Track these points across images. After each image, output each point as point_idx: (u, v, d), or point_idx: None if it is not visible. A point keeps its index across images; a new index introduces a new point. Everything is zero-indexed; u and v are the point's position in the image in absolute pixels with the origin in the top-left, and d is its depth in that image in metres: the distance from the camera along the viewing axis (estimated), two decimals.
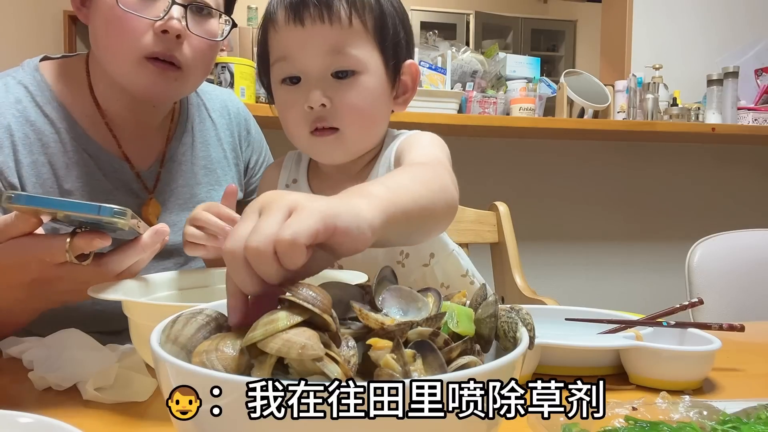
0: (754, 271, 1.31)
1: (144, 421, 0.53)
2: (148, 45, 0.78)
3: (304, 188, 0.86)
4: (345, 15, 0.73)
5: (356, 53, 0.74)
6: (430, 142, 0.80)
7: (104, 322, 0.74)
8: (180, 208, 0.96)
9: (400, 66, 0.81)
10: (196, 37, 0.82)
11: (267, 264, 0.37)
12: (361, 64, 0.75)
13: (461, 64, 2.26)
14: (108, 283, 0.62)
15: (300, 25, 0.73)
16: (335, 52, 0.74)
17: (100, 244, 0.59)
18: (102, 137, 0.89)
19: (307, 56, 0.74)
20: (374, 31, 0.76)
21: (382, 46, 0.77)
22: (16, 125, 0.83)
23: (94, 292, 0.57)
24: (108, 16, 0.79)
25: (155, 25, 0.78)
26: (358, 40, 0.75)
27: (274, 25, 0.77)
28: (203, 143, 1.00)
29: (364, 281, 0.48)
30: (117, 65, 0.82)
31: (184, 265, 0.97)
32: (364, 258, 0.60)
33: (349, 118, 0.76)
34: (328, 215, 0.38)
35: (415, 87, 0.84)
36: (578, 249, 2.47)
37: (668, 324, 0.70)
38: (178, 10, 0.79)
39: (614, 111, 2.31)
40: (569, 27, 6.01)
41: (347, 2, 0.73)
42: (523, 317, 0.42)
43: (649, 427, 0.45)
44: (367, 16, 0.75)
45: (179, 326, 0.39)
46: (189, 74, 0.83)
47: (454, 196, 0.67)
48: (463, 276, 0.97)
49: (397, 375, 0.35)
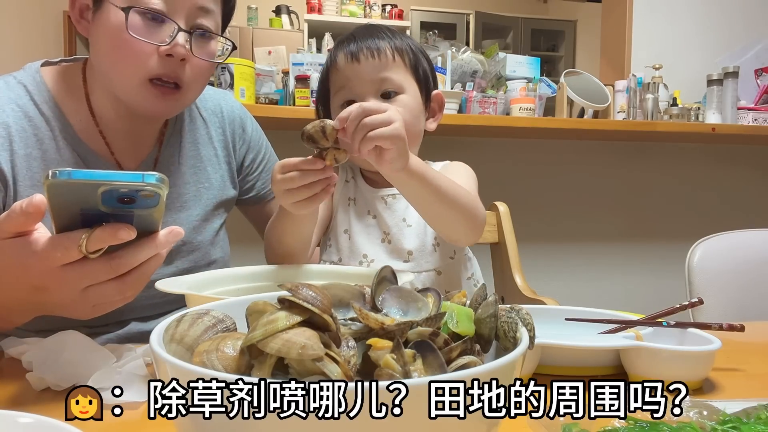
0: (754, 271, 1.31)
1: (144, 422, 0.53)
2: (153, 68, 0.83)
3: (361, 183, 1.05)
4: (390, 53, 0.96)
5: (397, 79, 0.96)
6: (465, 173, 1.04)
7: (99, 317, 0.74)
8: (167, 208, 0.96)
9: (430, 94, 1.01)
10: (197, 60, 0.86)
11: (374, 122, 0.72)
12: (402, 87, 0.96)
13: (461, 64, 2.26)
14: (172, 278, 0.66)
15: (356, 62, 0.95)
16: (382, 79, 0.95)
17: (126, 235, 0.56)
18: (94, 142, 0.91)
19: (363, 83, 0.95)
20: (410, 66, 0.98)
21: (416, 77, 0.99)
22: (13, 119, 0.86)
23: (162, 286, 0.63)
24: (115, 38, 0.82)
25: (160, 49, 0.82)
26: (399, 71, 0.96)
27: (336, 66, 0.98)
28: (192, 142, 1.01)
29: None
30: (121, 85, 0.85)
31: (186, 270, 0.98)
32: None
33: None
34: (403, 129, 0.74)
35: (441, 111, 1.06)
36: (578, 249, 2.46)
37: (668, 324, 0.70)
38: (183, 36, 0.83)
39: (614, 111, 2.31)
40: (569, 27, 6.01)
41: (390, 45, 0.96)
42: (523, 317, 0.42)
43: (649, 427, 0.45)
44: (405, 56, 0.97)
45: (185, 326, 0.39)
46: (188, 92, 0.88)
47: (480, 211, 0.90)
48: (468, 279, 1.02)
49: (397, 375, 0.35)
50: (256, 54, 2.74)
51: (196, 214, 0.99)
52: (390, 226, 0.99)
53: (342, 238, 1.01)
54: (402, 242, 0.98)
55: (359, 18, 5.14)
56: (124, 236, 0.56)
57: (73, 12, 0.87)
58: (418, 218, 0.98)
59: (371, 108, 0.73)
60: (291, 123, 1.92)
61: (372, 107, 0.73)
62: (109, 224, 0.56)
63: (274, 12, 4.88)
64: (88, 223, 0.56)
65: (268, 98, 2.04)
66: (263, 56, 2.69)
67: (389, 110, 0.74)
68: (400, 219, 0.99)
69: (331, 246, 1.03)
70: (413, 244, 0.98)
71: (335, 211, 1.04)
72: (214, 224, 1.02)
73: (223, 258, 1.05)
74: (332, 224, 1.04)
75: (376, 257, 0.98)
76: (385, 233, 0.99)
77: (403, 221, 0.99)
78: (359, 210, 1.02)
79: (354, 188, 1.04)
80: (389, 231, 0.99)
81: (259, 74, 2.06)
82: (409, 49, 0.99)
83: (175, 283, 0.68)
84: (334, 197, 1.05)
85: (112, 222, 0.56)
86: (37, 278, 0.60)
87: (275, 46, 2.76)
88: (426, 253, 0.99)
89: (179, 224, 0.97)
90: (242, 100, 1.85)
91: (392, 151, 0.74)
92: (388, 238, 0.99)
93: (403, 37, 1.01)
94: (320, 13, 5.09)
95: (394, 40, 0.98)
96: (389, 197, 1.00)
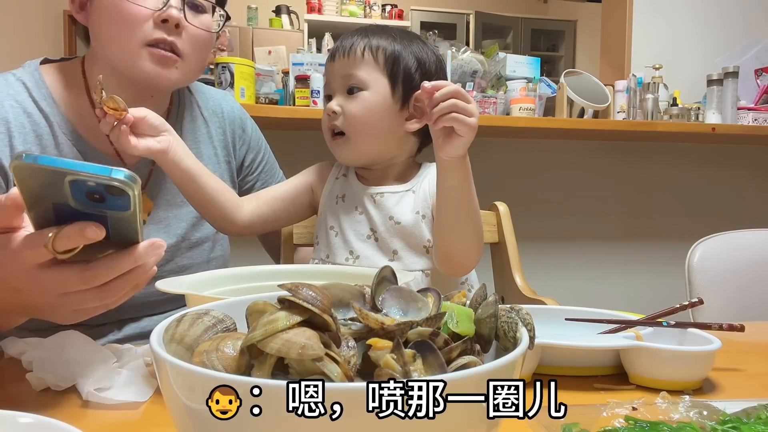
0: (753, 271, 1.31)
1: (144, 422, 0.53)
2: (148, 33, 0.84)
3: (353, 180, 1.05)
4: (360, 51, 0.97)
5: (362, 76, 0.96)
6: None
7: (99, 317, 0.73)
8: (167, 204, 0.97)
9: (410, 94, 0.98)
10: (194, 28, 0.88)
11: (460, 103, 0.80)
12: (365, 84, 0.96)
13: (461, 64, 2.26)
14: (172, 278, 0.66)
15: (332, 60, 0.99)
16: (348, 75, 0.96)
17: (93, 234, 0.52)
18: (94, 136, 0.91)
19: (335, 79, 0.98)
20: (383, 64, 0.96)
21: (390, 75, 0.97)
22: (13, 114, 0.86)
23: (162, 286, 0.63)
24: (111, 9, 0.84)
25: (155, 15, 0.84)
26: (367, 68, 0.96)
27: (326, 65, 1.02)
28: (193, 140, 1.01)
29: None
30: (119, 53, 0.86)
31: (185, 267, 0.98)
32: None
33: (352, 123, 0.96)
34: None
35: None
36: (578, 249, 2.46)
37: (668, 324, 0.70)
38: (176, 2, 0.85)
39: (614, 111, 2.31)
40: (569, 27, 6.01)
41: (365, 44, 0.97)
42: (523, 317, 0.42)
43: (649, 427, 0.45)
44: (378, 54, 0.96)
45: (185, 326, 0.39)
46: (188, 63, 0.89)
47: (482, 234, 0.94)
48: (462, 284, 1.01)
49: (397, 375, 0.35)
50: (256, 54, 2.74)
51: (195, 211, 0.99)
52: (377, 224, 0.98)
53: (330, 234, 1.01)
54: (388, 241, 0.97)
55: (359, 18, 5.14)
56: (91, 234, 0.52)
57: (73, 5, 0.89)
58: (407, 218, 0.97)
59: (465, 95, 0.81)
60: (291, 123, 1.92)
61: (466, 94, 0.81)
62: (77, 222, 0.52)
63: (274, 12, 4.88)
64: (62, 222, 0.53)
65: (268, 98, 2.04)
66: (263, 56, 2.69)
67: (474, 104, 0.82)
68: (387, 217, 0.98)
69: (319, 243, 1.03)
70: (399, 244, 0.98)
71: (323, 209, 1.04)
72: None
73: (223, 256, 1.05)
74: (320, 222, 1.04)
75: (362, 253, 0.97)
76: (372, 230, 0.99)
77: (391, 219, 0.98)
78: (347, 206, 1.01)
79: (344, 184, 1.04)
80: (376, 228, 0.98)
81: (259, 74, 2.06)
82: (389, 49, 0.97)
83: (175, 283, 0.68)
84: (322, 194, 1.05)
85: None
86: (14, 279, 0.57)
87: (275, 46, 2.76)
88: (412, 254, 0.98)
89: (179, 220, 0.98)
90: (242, 100, 1.85)
91: (462, 138, 0.81)
92: (375, 235, 0.98)
93: (398, 37, 0.99)
94: (320, 13, 5.09)
95: (372, 39, 0.97)
96: (378, 195, 1.00)
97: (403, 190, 1.01)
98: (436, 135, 0.82)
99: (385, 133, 0.99)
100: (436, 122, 0.80)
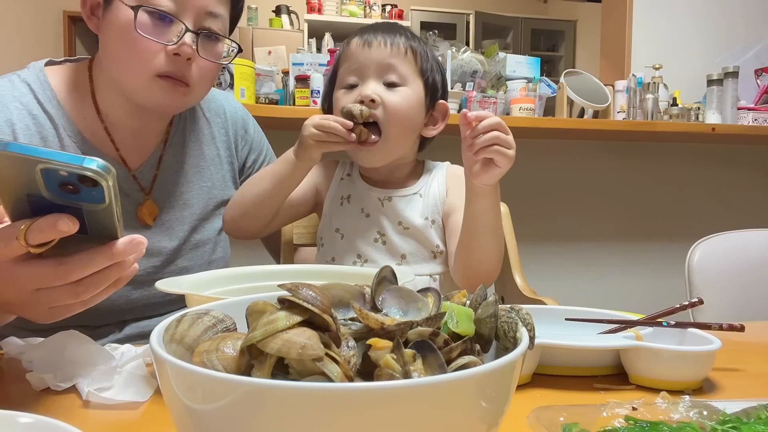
0: (753, 271, 1.31)
1: (144, 422, 0.53)
2: (160, 65, 0.84)
3: (358, 181, 1.05)
4: (403, 48, 0.96)
5: (403, 70, 0.95)
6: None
7: (91, 317, 0.74)
8: (170, 207, 0.97)
9: (435, 101, 1.01)
10: (204, 60, 0.87)
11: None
12: (406, 80, 0.96)
13: (461, 64, 2.26)
14: (172, 278, 0.66)
15: (369, 47, 0.96)
16: (388, 65, 0.95)
17: (65, 226, 0.49)
18: (99, 139, 0.91)
19: (370, 67, 0.95)
20: (420, 67, 0.98)
21: (424, 79, 0.98)
22: (17, 117, 0.86)
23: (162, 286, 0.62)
24: (123, 36, 0.83)
25: (167, 48, 0.83)
26: (407, 65, 0.96)
27: (347, 52, 0.98)
28: (196, 141, 1.01)
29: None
30: (130, 81, 0.86)
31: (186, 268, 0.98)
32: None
33: (393, 115, 0.94)
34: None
35: (443, 121, 1.04)
36: (578, 249, 2.46)
37: (668, 324, 0.70)
38: (190, 37, 0.84)
39: (614, 111, 2.31)
40: (569, 27, 6.01)
41: (406, 43, 0.96)
42: (523, 317, 0.42)
43: (649, 427, 0.45)
44: (417, 56, 0.97)
45: (185, 326, 0.39)
46: (195, 90, 0.89)
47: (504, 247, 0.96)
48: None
49: (397, 375, 0.35)
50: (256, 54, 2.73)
51: (197, 213, 0.99)
52: (385, 227, 0.98)
53: (335, 236, 1.01)
54: (397, 245, 0.97)
55: (359, 18, 5.14)
56: (64, 227, 0.49)
57: (84, 9, 0.88)
58: (417, 223, 0.97)
59: (506, 127, 0.83)
60: (291, 123, 1.92)
61: (506, 127, 0.82)
62: (50, 214, 0.50)
63: (274, 12, 4.88)
64: (38, 215, 0.51)
65: (268, 98, 2.04)
66: (263, 56, 2.68)
67: (511, 136, 0.83)
68: (397, 222, 0.98)
69: (324, 246, 1.03)
70: (408, 248, 0.98)
71: (328, 210, 1.04)
72: (215, 224, 1.02)
73: (224, 258, 1.05)
74: (324, 223, 1.04)
75: (370, 257, 0.98)
76: (380, 233, 0.99)
77: (399, 224, 0.98)
78: (353, 208, 1.01)
79: (349, 185, 1.04)
80: (384, 232, 0.98)
81: (259, 74, 2.06)
82: (424, 54, 0.99)
83: (175, 283, 0.68)
84: (326, 195, 1.05)
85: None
86: None
87: (275, 46, 2.76)
88: (421, 258, 0.98)
89: (180, 222, 0.98)
90: (242, 100, 1.85)
91: (500, 169, 0.83)
92: (382, 238, 0.98)
93: (425, 45, 1.01)
94: (320, 13, 5.09)
95: (412, 41, 0.98)
96: (386, 199, 1.00)
97: (411, 193, 1.01)
98: (472, 162, 0.83)
99: (413, 134, 1.00)
100: (478, 152, 0.81)
